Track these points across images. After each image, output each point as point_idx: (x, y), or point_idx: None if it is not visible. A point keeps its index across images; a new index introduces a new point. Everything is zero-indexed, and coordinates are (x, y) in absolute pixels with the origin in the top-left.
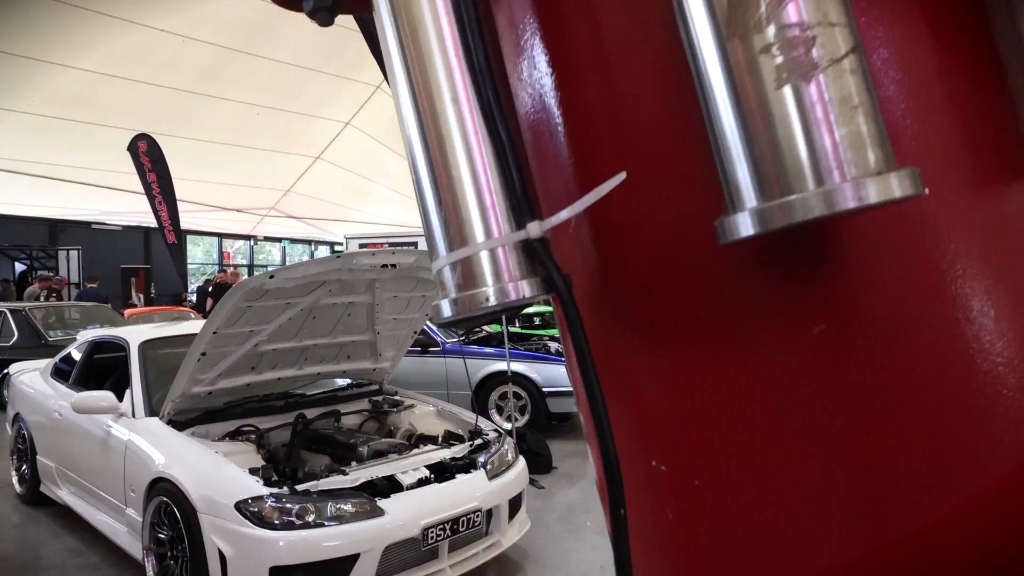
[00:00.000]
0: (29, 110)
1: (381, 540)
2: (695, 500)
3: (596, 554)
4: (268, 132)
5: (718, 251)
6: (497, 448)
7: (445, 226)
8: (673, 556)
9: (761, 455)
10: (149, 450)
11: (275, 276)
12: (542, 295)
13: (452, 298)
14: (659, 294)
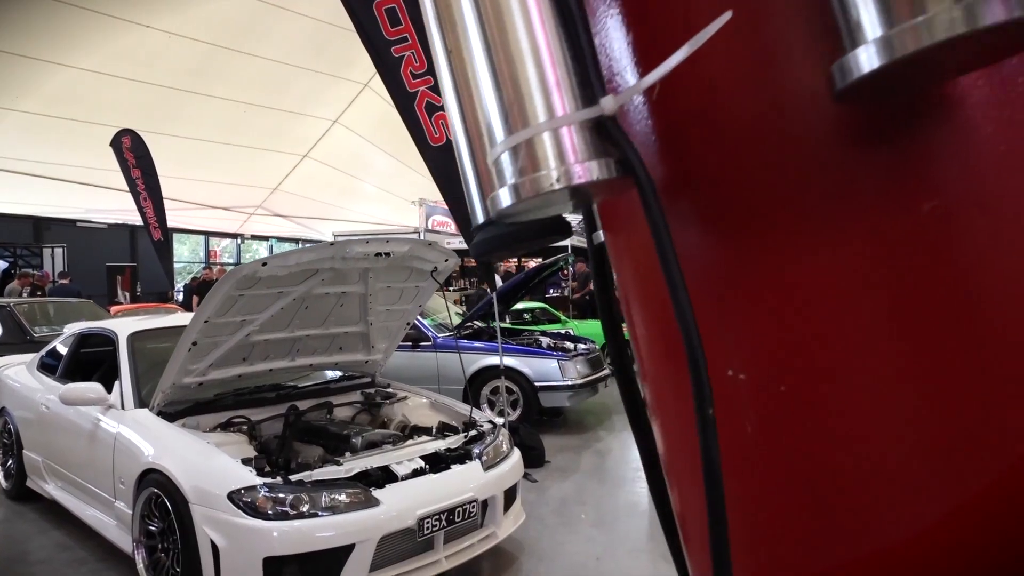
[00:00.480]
0: (12, 107)
1: (376, 531)
2: (780, 409)
3: (591, 546)
4: (255, 130)
5: (814, 122)
6: (492, 439)
7: (503, 106)
8: (751, 475)
9: (857, 359)
10: (139, 441)
11: (268, 264)
12: (615, 176)
13: (512, 184)
14: (742, 177)
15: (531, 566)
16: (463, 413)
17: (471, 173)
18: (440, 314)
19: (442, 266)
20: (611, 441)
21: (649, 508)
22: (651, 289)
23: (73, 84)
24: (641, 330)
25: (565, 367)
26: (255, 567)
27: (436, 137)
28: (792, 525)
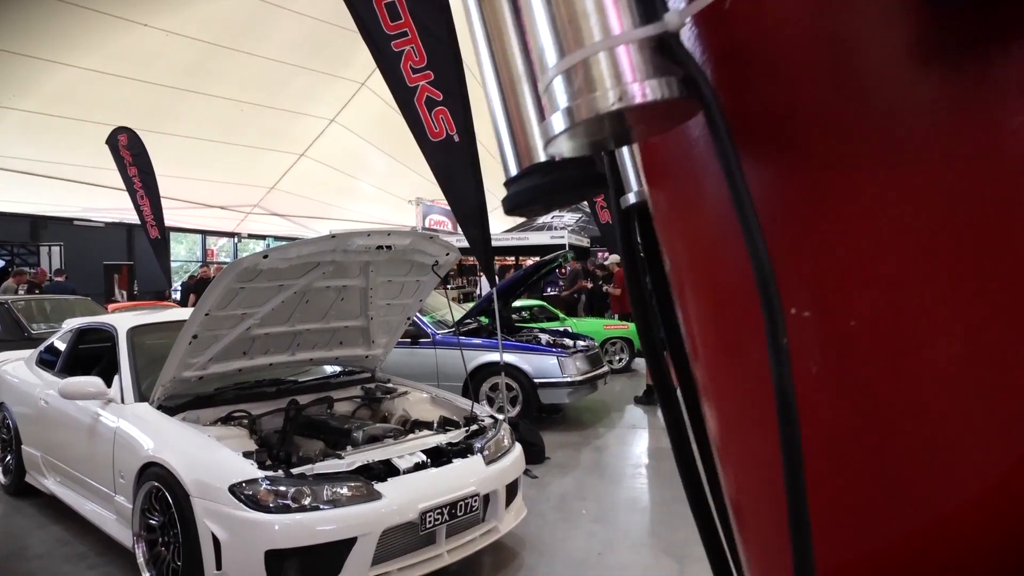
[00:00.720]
0: (10, 106)
1: (378, 524)
2: (849, 345)
3: (592, 542)
4: (252, 129)
5: (896, 35)
6: (493, 434)
7: (555, 28)
8: (814, 418)
9: (936, 291)
10: (139, 435)
11: (268, 256)
12: (677, 96)
13: (565, 107)
14: (812, 98)
15: (532, 561)
16: (464, 408)
17: (503, 123)
18: (439, 311)
19: (443, 260)
20: (610, 437)
21: (650, 504)
22: (706, 248)
23: (71, 83)
24: (694, 302)
25: (564, 364)
26: (257, 560)
27: (436, 132)
28: (857, 473)
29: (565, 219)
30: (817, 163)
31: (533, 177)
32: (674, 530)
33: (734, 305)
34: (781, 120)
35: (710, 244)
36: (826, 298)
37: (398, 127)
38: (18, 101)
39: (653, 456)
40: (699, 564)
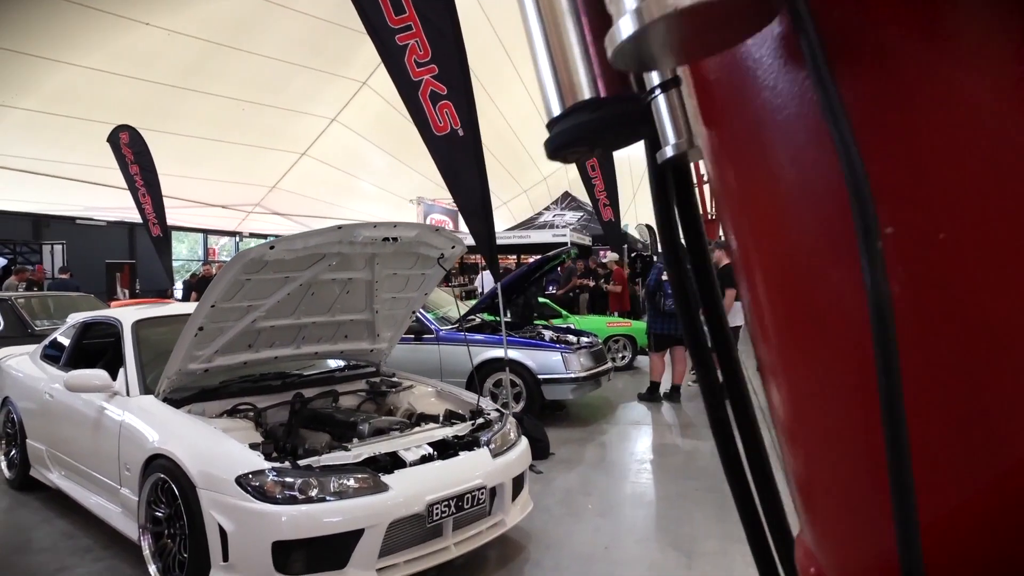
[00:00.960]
0: (12, 104)
1: (386, 516)
2: (936, 259)
3: (599, 536)
4: (253, 128)
5: None
6: (500, 427)
7: None
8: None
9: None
10: (145, 427)
11: (275, 247)
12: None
13: (634, 8)
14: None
15: (539, 555)
16: (470, 402)
17: (545, 60)
18: (443, 308)
19: (449, 252)
20: (614, 434)
21: (655, 499)
22: (779, 203)
23: (72, 82)
24: (762, 268)
25: (569, 360)
26: (264, 551)
27: (440, 126)
28: (950, 410)
29: (567, 218)
30: (897, 64)
31: (578, 115)
32: (680, 524)
33: (811, 267)
34: (869, 22)
35: (784, 198)
36: (912, 210)
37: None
38: (20, 100)
39: (657, 452)
40: (707, 558)
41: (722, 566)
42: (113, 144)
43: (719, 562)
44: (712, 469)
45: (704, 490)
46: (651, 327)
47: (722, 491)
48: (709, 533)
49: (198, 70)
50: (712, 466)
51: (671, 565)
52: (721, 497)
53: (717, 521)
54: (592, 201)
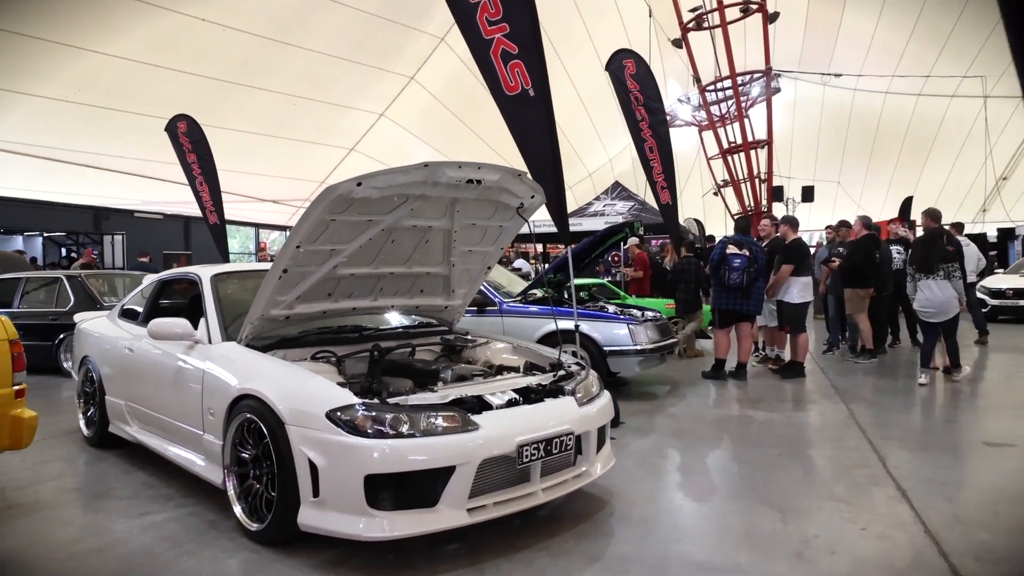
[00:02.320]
0: (73, 99)
1: (477, 454)
2: None
3: (684, 493)
4: (303, 123)
5: None
6: (582, 378)
7: None
8: None
9: None
10: (229, 371)
11: (362, 184)
12: None
13: None
14: None
15: (624, 509)
16: (549, 356)
17: None
18: (502, 289)
19: (528, 202)
20: (682, 406)
21: (736, 462)
22: None
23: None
24: None
25: (635, 332)
26: (356, 485)
27: (512, 86)
28: None
29: (617, 207)
30: None
31: None
32: (768, 484)
33: None
34: None
35: None
36: None
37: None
38: (82, 95)
39: (730, 422)
40: (802, 514)
41: (819, 521)
42: (171, 133)
43: (815, 517)
44: (792, 437)
45: (786, 455)
46: (715, 302)
47: (807, 456)
48: (798, 492)
49: (250, 65)
50: (792, 435)
51: (764, 519)
52: (806, 462)
53: (806, 482)
54: (650, 184)
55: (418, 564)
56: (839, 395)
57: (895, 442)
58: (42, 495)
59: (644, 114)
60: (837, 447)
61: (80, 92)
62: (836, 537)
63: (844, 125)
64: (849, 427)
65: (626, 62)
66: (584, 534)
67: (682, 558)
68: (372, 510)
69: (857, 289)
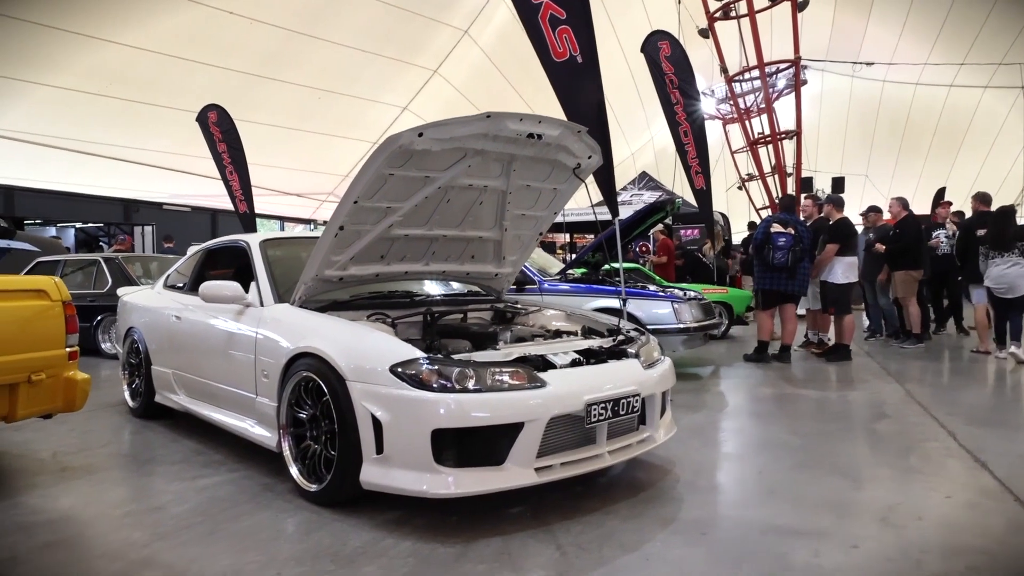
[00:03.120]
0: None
1: (545, 411)
2: None
3: (746, 464)
4: (327, 117)
5: None
6: (644, 342)
7: None
8: None
9: None
10: (284, 331)
11: (423, 134)
12: None
13: None
14: None
15: (689, 477)
16: (606, 323)
17: None
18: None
19: (585, 163)
20: (728, 386)
21: (795, 436)
22: None
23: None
24: None
25: (680, 310)
26: (422, 440)
27: (560, 52)
28: None
29: (645, 197)
30: None
31: None
32: (835, 456)
33: None
34: None
35: None
36: None
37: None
38: (112, 88)
39: (782, 400)
40: (877, 483)
41: (897, 489)
42: (202, 123)
43: (892, 486)
44: (851, 414)
45: (848, 430)
46: (759, 283)
47: (870, 431)
48: (868, 463)
49: (276, 58)
50: (849, 411)
51: (838, 488)
52: (870, 436)
53: (874, 454)
54: (684, 168)
55: (482, 526)
56: (892, 376)
57: (961, 418)
58: (93, 460)
59: (679, 97)
60: (900, 423)
61: (111, 85)
62: (920, 504)
63: (872, 117)
64: (909, 405)
65: (661, 43)
66: (651, 499)
67: (760, 522)
68: (438, 466)
69: (909, 271)
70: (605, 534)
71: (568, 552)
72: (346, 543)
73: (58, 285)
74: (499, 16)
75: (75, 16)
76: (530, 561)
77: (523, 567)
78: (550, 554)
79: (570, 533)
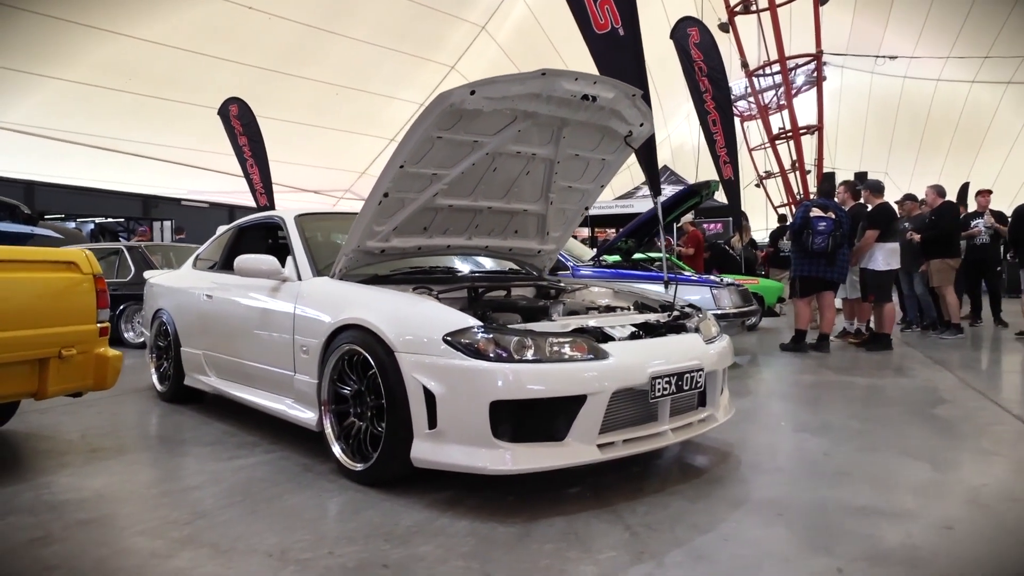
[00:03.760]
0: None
1: (610, 383)
2: None
3: (809, 445)
4: (345, 113)
5: None
6: (702, 318)
7: None
8: None
9: None
10: (324, 304)
11: (476, 91)
12: None
13: None
14: None
15: (751, 458)
16: (658, 298)
17: None
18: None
19: (637, 131)
20: (770, 374)
21: (856, 420)
22: None
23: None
24: None
25: (718, 296)
26: (480, 413)
27: (601, 24)
28: None
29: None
30: None
31: None
32: (903, 438)
33: None
34: None
35: None
36: None
37: None
38: (132, 84)
39: (832, 387)
40: (957, 467)
41: (979, 471)
42: (223, 116)
43: (973, 467)
44: (906, 399)
45: (906, 415)
46: (797, 270)
47: (932, 415)
48: (940, 446)
49: (294, 54)
50: (904, 397)
51: (914, 470)
52: (933, 420)
53: (944, 437)
54: (713, 158)
55: (541, 506)
56: (938, 364)
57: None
58: (123, 441)
59: (708, 85)
60: (960, 408)
61: (129, 81)
62: (1009, 486)
63: (892, 114)
64: (964, 390)
65: (690, 30)
66: (715, 480)
67: (838, 502)
68: (497, 441)
69: (946, 259)
70: (673, 515)
71: (639, 533)
72: (398, 522)
73: (89, 258)
74: (516, 12)
75: (93, 10)
76: (599, 541)
77: (592, 547)
78: (619, 534)
79: (636, 514)
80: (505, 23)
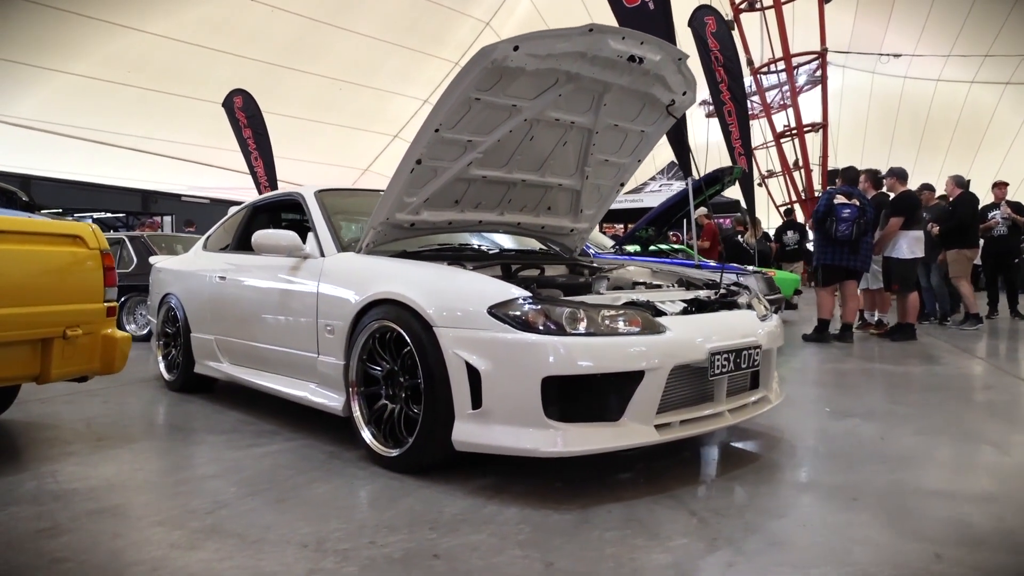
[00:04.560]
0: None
1: (668, 358)
2: None
3: (863, 430)
4: (348, 109)
5: None
6: (749, 295)
7: None
8: None
9: None
10: (351, 280)
11: (519, 48)
12: None
13: None
14: None
15: (806, 442)
16: (701, 277)
17: None
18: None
19: (680, 100)
20: (800, 363)
21: (904, 405)
22: None
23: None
24: None
25: (744, 283)
26: (531, 390)
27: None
28: None
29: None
30: None
31: None
32: (958, 422)
33: None
34: None
35: None
36: None
37: None
38: (132, 77)
39: (867, 375)
40: (1022, 451)
41: None
42: (227, 108)
43: None
44: (947, 385)
45: (953, 400)
46: (819, 258)
47: (979, 401)
48: (999, 429)
49: (298, 48)
50: (945, 383)
51: (980, 453)
52: (983, 405)
53: (999, 421)
54: (728, 149)
55: (594, 491)
56: (967, 352)
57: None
58: (132, 430)
59: (723, 75)
60: (1006, 392)
61: (130, 74)
62: None
63: (892, 114)
64: (1003, 377)
65: (707, 19)
66: (774, 465)
67: (911, 486)
68: (550, 421)
69: (963, 250)
70: (740, 501)
71: (707, 519)
72: (442, 511)
73: (96, 232)
74: (521, 8)
75: (95, 2)
76: (666, 528)
77: (660, 534)
78: (686, 521)
79: (698, 499)
80: (510, 19)
